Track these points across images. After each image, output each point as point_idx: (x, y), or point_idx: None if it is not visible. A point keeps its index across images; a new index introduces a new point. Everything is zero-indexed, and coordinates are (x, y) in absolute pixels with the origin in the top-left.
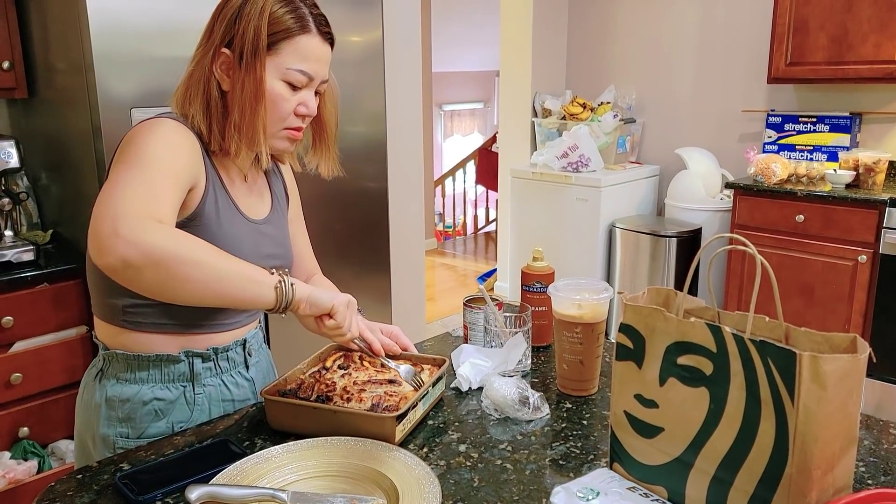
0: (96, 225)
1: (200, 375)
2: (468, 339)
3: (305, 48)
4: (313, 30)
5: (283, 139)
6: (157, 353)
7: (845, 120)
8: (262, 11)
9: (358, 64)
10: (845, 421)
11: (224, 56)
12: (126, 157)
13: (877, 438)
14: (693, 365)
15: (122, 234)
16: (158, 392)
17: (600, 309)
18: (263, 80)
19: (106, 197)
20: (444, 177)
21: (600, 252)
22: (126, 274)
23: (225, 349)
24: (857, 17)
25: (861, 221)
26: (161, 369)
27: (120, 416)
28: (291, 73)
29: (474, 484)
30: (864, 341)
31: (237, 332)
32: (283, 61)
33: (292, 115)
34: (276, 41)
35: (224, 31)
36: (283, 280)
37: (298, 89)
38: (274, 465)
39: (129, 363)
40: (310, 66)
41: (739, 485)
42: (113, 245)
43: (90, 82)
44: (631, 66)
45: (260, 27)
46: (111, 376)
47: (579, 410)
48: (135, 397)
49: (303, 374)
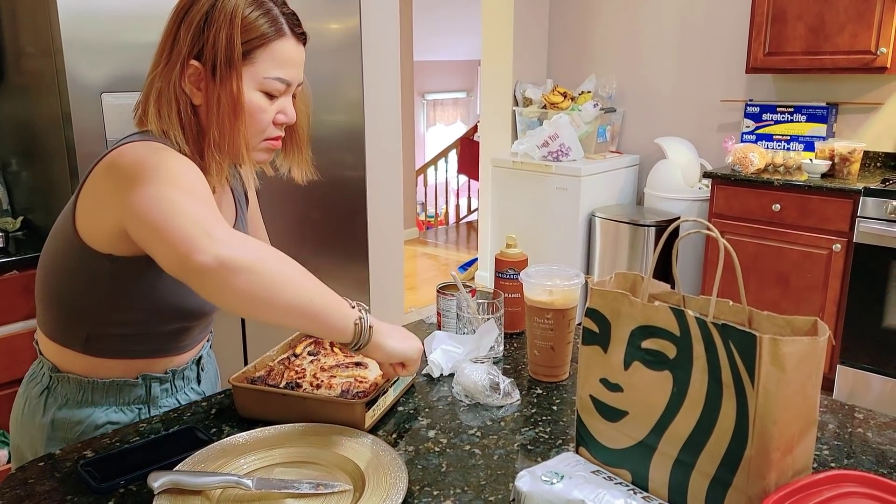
0: (180, 231)
1: (157, 398)
2: (441, 326)
3: (282, 54)
4: (287, 32)
5: (263, 151)
6: (114, 379)
7: (822, 110)
8: (232, 17)
9: (335, 52)
10: (804, 403)
11: (193, 68)
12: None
13: (842, 422)
14: (657, 349)
15: (217, 235)
16: (112, 416)
17: (571, 295)
18: (241, 93)
19: (171, 207)
20: (426, 166)
21: (580, 241)
22: (217, 276)
23: (182, 369)
24: (835, 7)
25: (836, 211)
26: (116, 394)
27: (69, 438)
28: (269, 83)
29: (442, 469)
30: (824, 325)
31: (194, 351)
32: (259, 70)
33: (271, 124)
34: (250, 49)
35: (191, 40)
36: (362, 318)
37: (276, 98)
38: (239, 451)
39: (81, 386)
40: (287, 71)
41: (701, 467)
42: (208, 244)
43: (59, 67)
44: (611, 55)
45: (233, 35)
46: (60, 398)
47: (550, 396)
48: (87, 420)
49: (272, 360)
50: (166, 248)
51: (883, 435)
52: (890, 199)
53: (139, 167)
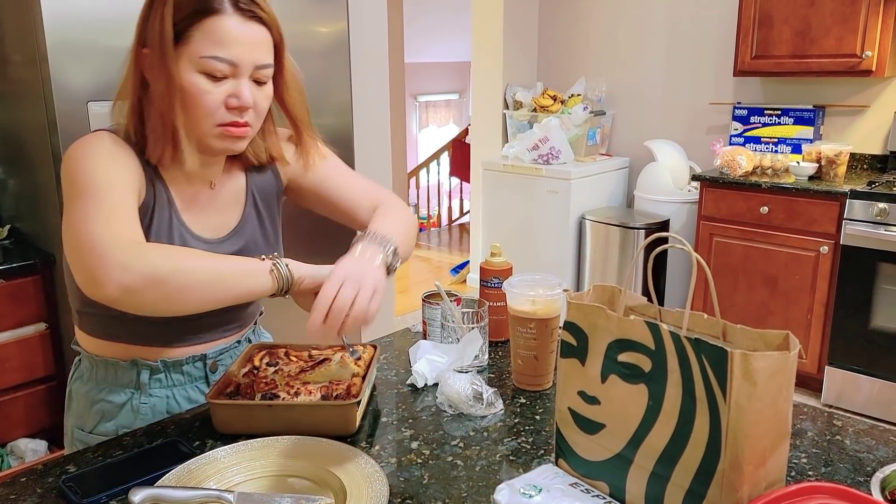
0: (82, 261)
1: (147, 385)
2: (427, 335)
3: (219, 31)
4: (227, 9)
5: (220, 137)
6: (107, 358)
7: (809, 113)
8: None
9: (324, 55)
10: (776, 417)
11: (144, 55)
12: (75, 191)
13: (820, 430)
14: (633, 362)
15: (112, 263)
16: (106, 395)
17: (554, 305)
18: (173, 76)
19: (76, 234)
20: (418, 168)
21: (571, 244)
22: (129, 300)
23: (178, 363)
24: (820, 11)
25: (823, 213)
26: (113, 374)
27: (77, 409)
28: (207, 62)
29: (424, 481)
30: (795, 339)
31: (194, 348)
32: (196, 49)
33: (223, 109)
34: (184, 28)
35: (140, 28)
36: (276, 263)
37: (222, 80)
38: (222, 465)
39: (88, 362)
40: (228, 50)
41: (676, 480)
42: (107, 276)
43: (45, 74)
44: (601, 58)
45: (164, 16)
46: (80, 371)
47: (533, 405)
48: (87, 395)
49: (234, 376)
50: (78, 280)
51: (860, 442)
52: (876, 201)
53: (69, 180)
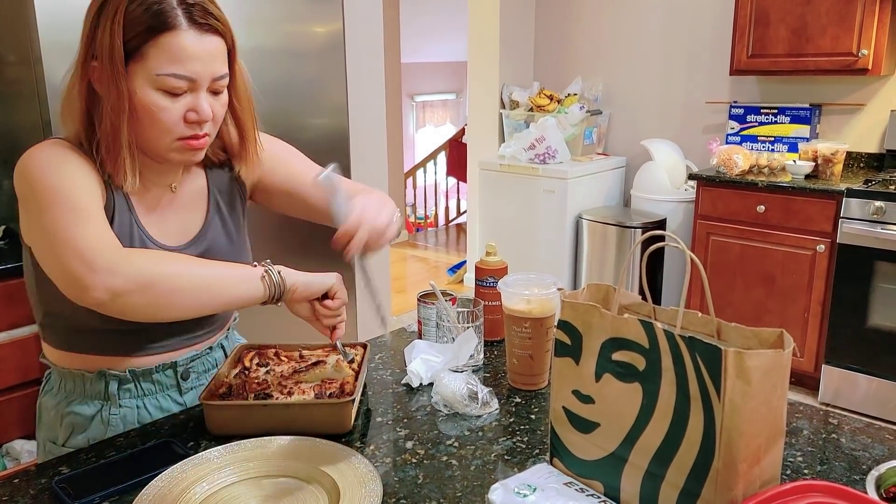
0: (66, 268)
1: (116, 396)
2: (422, 335)
3: (175, 47)
4: (182, 24)
5: (180, 150)
6: (73, 370)
7: (805, 111)
8: (115, 13)
9: (319, 55)
10: (770, 415)
11: (93, 69)
12: (45, 199)
13: (816, 428)
14: (627, 361)
15: (99, 268)
16: (76, 407)
17: (549, 304)
18: (123, 94)
19: (56, 241)
20: (415, 168)
21: (567, 243)
22: (116, 304)
23: (148, 372)
24: (816, 9)
25: (819, 211)
26: (80, 385)
27: (47, 422)
28: (164, 80)
29: (418, 481)
30: (789, 337)
31: (163, 356)
32: (152, 66)
33: (181, 123)
34: (138, 45)
35: (87, 41)
36: (268, 270)
37: (180, 95)
38: (215, 466)
39: (56, 374)
40: (186, 67)
41: (670, 479)
42: (95, 280)
43: (39, 75)
44: (598, 57)
45: (114, 32)
46: (49, 385)
47: (528, 404)
48: (56, 407)
49: (225, 377)
50: (62, 285)
51: (856, 440)
52: (872, 200)
53: (33, 189)
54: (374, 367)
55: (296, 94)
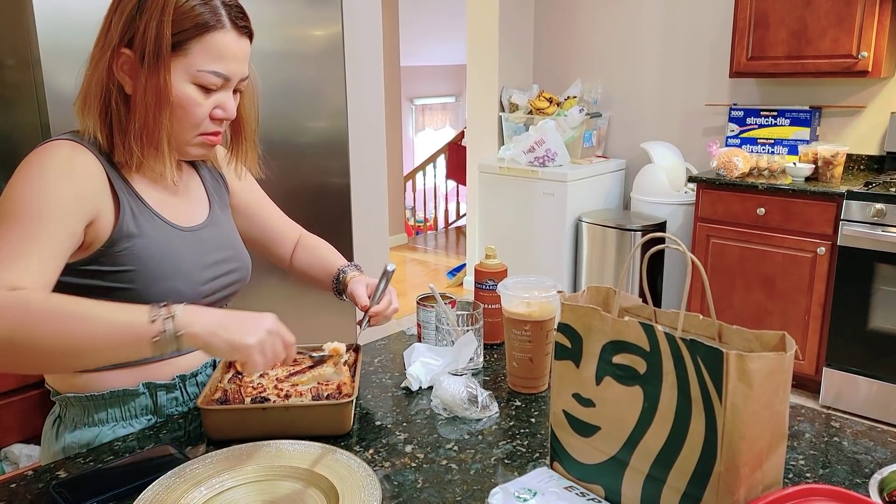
0: None
1: (164, 407)
2: (422, 338)
3: (219, 46)
4: (227, 24)
5: (199, 146)
6: (112, 390)
7: (805, 114)
8: (164, 6)
9: (318, 58)
10: (772, 418)
11: (125, 56)
12: (5, 209)
13: (818, 432)
14: (627, 364)
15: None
16: (120, 431)
17: (549, 307)
18: (168, 86)
19: None
20: (415, 171)
21: (567, 246)
22: None
23: (193, 374)
24: (816, 11)
25: (820, 214)
26: (120, 407)
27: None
28: (204, 76)
29: (418, 485)
30: (791, 339)
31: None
32: (194, 62)
33: (207, 119)
34: (183, 40)
35: (123, 28)
36: (164, 331)
37: (213, 91)
38: (213, 470)
39: (84, 406)
40: (225, 66)
41: (672, 483)
42: None
43: (38, 78)
44: (597, 60)
45: (163, 25)
46: (69, 423)
47: (528, 408)
48: (95, 440)
49: (220, 382)
50: None
51: (858, 444)
52: (873, 202)
53: (9, 190)
54: (373, 370)
55: (295, 98)
